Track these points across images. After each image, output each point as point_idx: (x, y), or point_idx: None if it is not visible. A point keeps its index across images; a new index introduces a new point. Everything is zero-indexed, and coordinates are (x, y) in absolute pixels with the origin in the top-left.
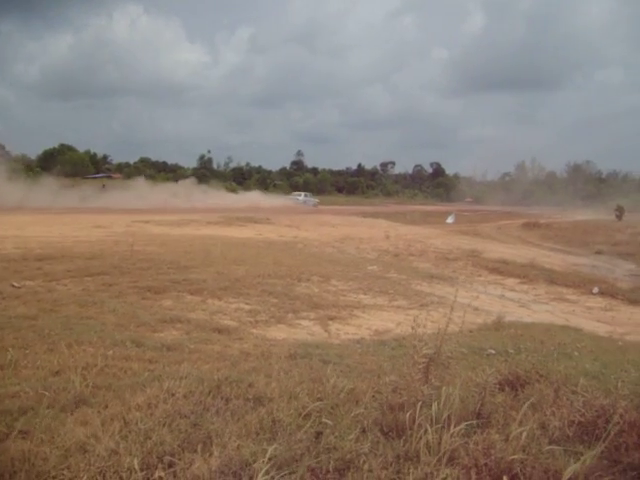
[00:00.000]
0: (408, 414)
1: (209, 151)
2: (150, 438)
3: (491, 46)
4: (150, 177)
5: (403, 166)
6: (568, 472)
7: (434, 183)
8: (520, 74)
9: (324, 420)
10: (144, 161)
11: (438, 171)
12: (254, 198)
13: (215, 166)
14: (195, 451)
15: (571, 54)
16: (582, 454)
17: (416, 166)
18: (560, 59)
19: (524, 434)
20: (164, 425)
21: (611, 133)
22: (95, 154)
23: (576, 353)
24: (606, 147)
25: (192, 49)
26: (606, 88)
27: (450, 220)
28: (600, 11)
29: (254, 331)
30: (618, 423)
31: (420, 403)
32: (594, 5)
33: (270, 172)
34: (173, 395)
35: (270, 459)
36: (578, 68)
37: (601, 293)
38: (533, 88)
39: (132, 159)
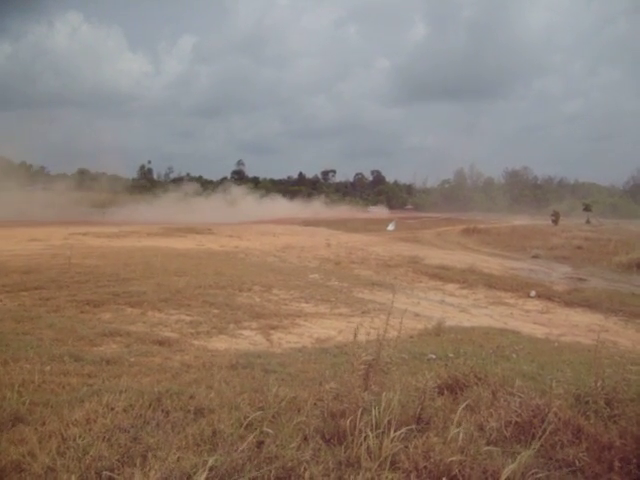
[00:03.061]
0: (349, 420)
1: (149, 161)
2: (88, 453)
3: (433, 56)
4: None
5: (344, 174)
6: (506, 472)
7: (375, 191)
8: (461, 83)
9: (265, 429)
10: (83, 172)
11: (379, 179)
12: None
13: (155, 176)
14: (134, 465)
15: (511, 64)
16: (519, 453)
17: (357, 174)
18: (500, 68)
19: (463, 436)
20: (103, 440)
21: (547, 140)
22: (31, 165)
23: (514, 355)
24: (542, 154)
25: (134, 58)
26: (544, 97)
27: (391, 227)
28: (539, 22)
29: (195, 342)
30: (553, 422)
31: (361, 409)
32: (533, 16)
33: (211, 182)
34: (112, 409)
35: (211, 470)
36: (517, 77)
37: (538, 296)
38: (474, 97)
39: (70, 170)
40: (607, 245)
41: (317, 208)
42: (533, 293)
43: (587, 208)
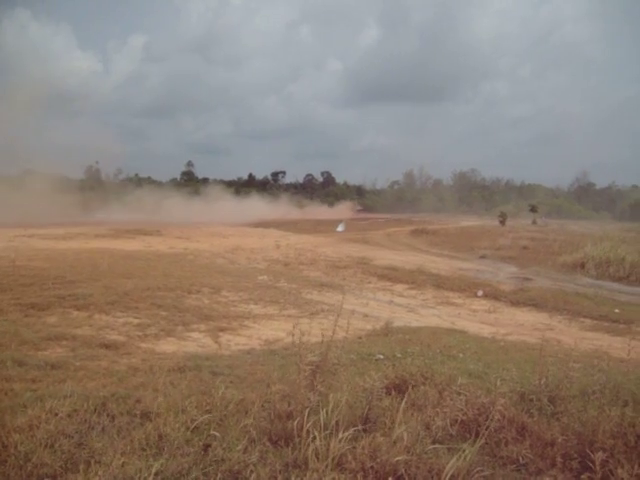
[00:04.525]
0: (297, 422)
1: (97, 162)
2: (30, 460)
3: (384, 58)
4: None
5: (294, 175)
6: (450, 469)
7: (324, 192)
8: (412, 86)
9: (212, 432)
10: (28, 173)
11: (328, 180)
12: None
13: (103, 177)
14: (78, 471)
15: (460, 67)
16: (464, 451)
17: (307, 175)
18: (450, 72)
19: (408, 435)
20: (46, 446)
21: (495, 142)
22: None
23: (461, 354)
24: (490, 156)
25: (83, 57)
26: (492, 100)
27: (340, 228)
28: (488, 27)
29: (143, 345)
30: (498, 420)
31: (308, 410)
32: (483, 21)
33: (160, 183)
34: (56, 415)
35: (156, 475)
36: (467, 81)
37: (485, 296)
38: (424, 99)
39: (14, 171)
40: (552, 245)
41: (288, 208)
42: (480, 293)
43: (533, 209)
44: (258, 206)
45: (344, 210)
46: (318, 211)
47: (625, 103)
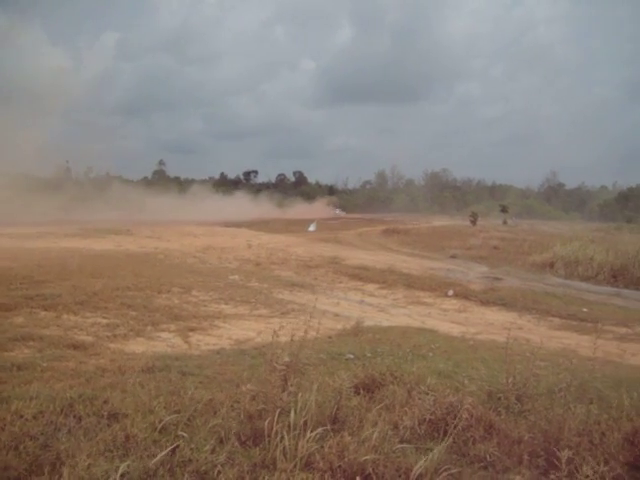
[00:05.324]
0: (266, 422)
1: (67, 161)
2: None
3: (358, 58)
4: None
5: (266, 175)
6: (417, 468)
7: (296, 191)
8: (385, 86)
9: (180, 433)
10: None
11: (301, 179)
12: None
13: (74, 176)
14: (43, 474)
15: (433, 68)
16: (432, 450)
17: (279, 175)
18: (423, 72)
19: (377, 435)
20: (10, 449)
21: (467, 143)
22: None
23: (430, 354)
24: (462, 156)
25: (54, 53)
26: (464, 101)
27: (312, 228)
28: (461, 28)
29: (111, 346)
30: (465, 418)
31: (278, 410)
32: (456, 22)
33: (131, 182)
34: (22, 417)
35: (122, 476)
36: (439, 81)
37: (455, 295)
38: (396, 99)
39: None
40: (522, 245)
41: (268, 207)
42: (451, 292)
43: (504, 209)
44: (239, 205)
45: (322, 207)
46: (298, 209)
47: (594, 105)
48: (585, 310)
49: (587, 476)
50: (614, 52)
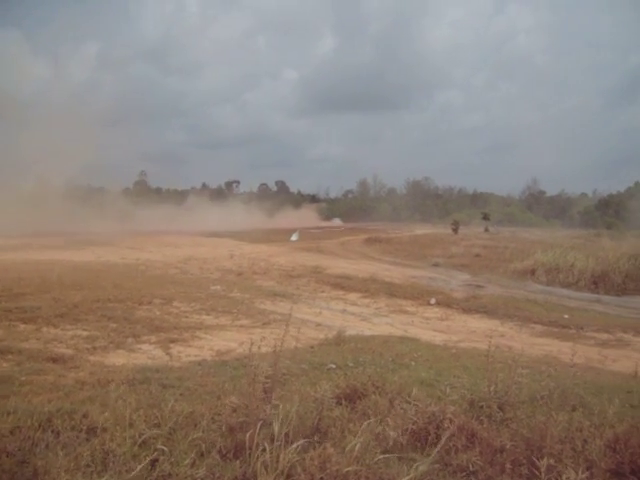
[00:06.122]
0: (247, 434)
1: (47, 170)
2: None
3: (340, 68)
4: None
5: (248, 185)
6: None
7: (283, 199)
8: (367, 95)
9: (160, 447)
10: None
11: (282, 189)
12: None
13: (54, 187)
14: None
15: (415, 77)
16: (415, 460)
17: (261, 184)
18: (404, 82)
19: (359, 446)
20: None
21: (448, 151)
22: None
23: (413, 363)
24: (443, 164)
25: (35, 63)
26: (446, 109)
27: (294, 237)
28: (442, 38)
29: (91, 358)
30: (448, 428)
31: (260, 423)
32: (437, 32)
33: (112, 193)
34: None
35: None
36: (421, 91)
37: (438, 303)
38: (378, 109)
39: None
40: (504, 253)
41: (260, 216)
42: (433, 301)
43: (485, 217)
44: (233, 214)
45: (310, 214)
46: (289, 218)
47: (574, 113)
48: (566, 317)
49: None
50: (593, 61)
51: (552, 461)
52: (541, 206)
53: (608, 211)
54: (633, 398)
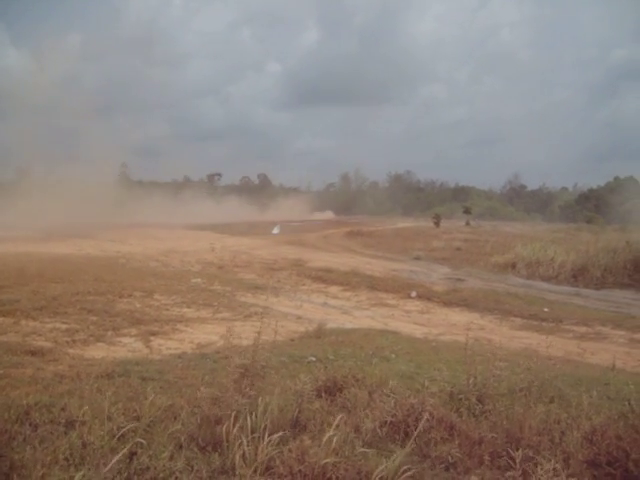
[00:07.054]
0: (226, 427)
1: (27, 164)
2: None
3: (324, 60)
4: None
5: (230, 178)
6: (379, 471)
7: (261, 194)
8: (350, 88)
9: (139, 440)
10: None
11: (265, 182)
12: None
13: (34, 179)
14: None
15: (399, 70)
16: (394, 452)
17: (243, 177)
18: (388, 75)
19: (337, 438)
20: None
21: (431, 145)
22: None
23: (393, 355)
24: (426, 158)
25: (18, 55)
26: (429, 103)
27: (276, 231)
28: (427, 31)
29: (71, 351)
30: (427, 420)
31: (239, 415)
32: (422, 25)
33: (94, 185)
34: None
35: None
36: (405, 84)
37: (419, 297)
38: (362, 102)
39: None
40: (484, 246)
41: (252, 209)
42: (414, 294)
43: (467, 211)
44: (226, 207)
45: (300, 205)
46: (281, 210)
47: (556, 108)
48: (546, 310)
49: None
50: (577, 56)
51: (530, 452)
52: (522, 200)
53: (588, 205)
54: (610, 390)
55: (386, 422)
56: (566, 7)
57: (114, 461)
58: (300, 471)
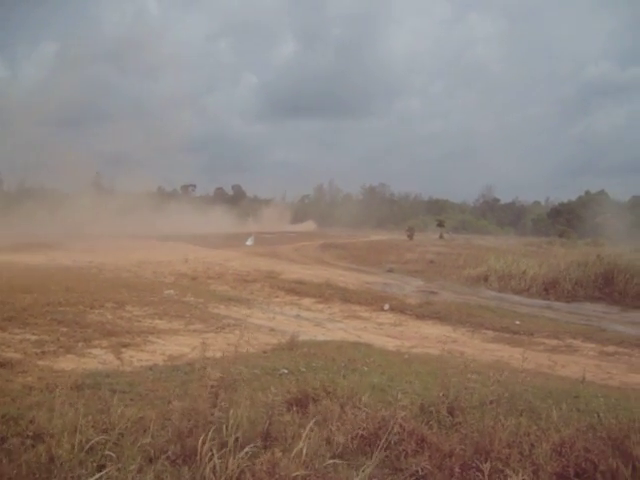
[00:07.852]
0: (200, 440)
1: None
2: None
3: (300, 73)
4: None
5: (204, 189)
6: None
7: (236, 206)
8: (326, 101)
9: (108, 453)
10: None
11: (239, 194)
12: None
13: (5, 188)
14: None
15: (374, 84)
16: (363, 465)
17: (217, 189)
18: (364, 88)
19: (307, 451)
20: None
21: (405, 158)
22: None
23: (365, 368)
24: (401, 171)
25: None
26: (404, 117)
27: (249, 242)
28: (403, 45)
29: (40, 363)
30: (398, 432)
31: (210, 428)
32: (397, 39)
33: (67, 195)
34: None
35: None
36: (380, 97)
37: (391, 309)
38: (337, 115)
39: None
40: (457, 259)
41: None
42: (387, 306)
43: (440, 224)
44: (210, 219)
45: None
46: (265, 222)
47: (529, 122)
48: (518, 323)
49: None
50: (550, 71)
51: (500, 465)
52: (495, 213)
53: (560, 219)
54: (580, 402)
55: (357, 435)
56: (540, 23)
57: (82, 475)
58: None
